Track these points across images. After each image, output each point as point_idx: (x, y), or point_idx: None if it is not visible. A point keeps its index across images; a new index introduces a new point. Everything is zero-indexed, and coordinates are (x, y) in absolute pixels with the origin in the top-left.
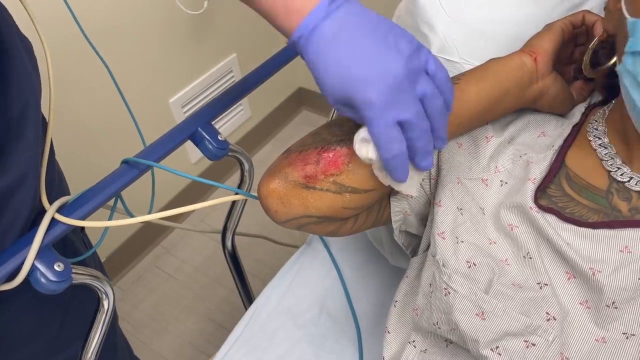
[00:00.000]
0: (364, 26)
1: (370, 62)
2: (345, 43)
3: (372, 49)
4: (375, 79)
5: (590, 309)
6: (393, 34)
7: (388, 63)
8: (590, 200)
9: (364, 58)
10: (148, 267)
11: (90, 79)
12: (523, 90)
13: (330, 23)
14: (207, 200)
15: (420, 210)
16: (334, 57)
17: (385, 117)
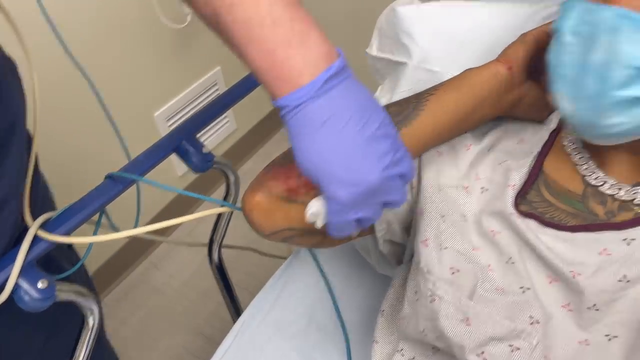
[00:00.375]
0: (354, 119)
1: (349, 167)
2: (331, 136)
3: (355, 152)
4: (350, 184)
5: (573, 311)
6: (381, 133)
7: (366, 173)
8: (568, 205)
9: (345, 160)
10: (135, 282)
11: (74, 94)
12: (499, 99)
13: (320, 105)
14: (194, 213)
15: (404, 219)
16: (316, 147)
17: (347, 214)
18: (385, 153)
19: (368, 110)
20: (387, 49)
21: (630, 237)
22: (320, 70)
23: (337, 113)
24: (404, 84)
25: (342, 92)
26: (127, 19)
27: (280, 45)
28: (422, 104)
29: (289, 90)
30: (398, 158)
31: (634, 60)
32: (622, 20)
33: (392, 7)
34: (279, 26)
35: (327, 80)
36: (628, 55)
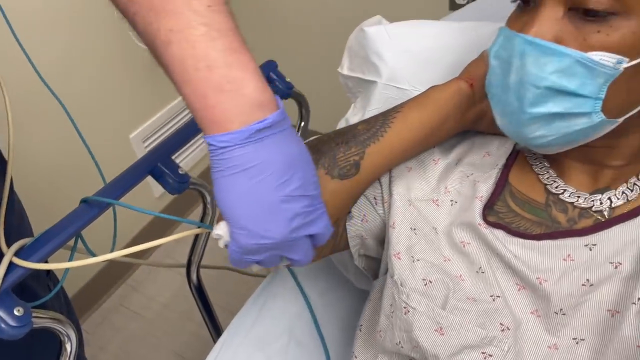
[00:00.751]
0: (275, 175)
1: (257, 220)
2: (248, 187)
3: (266, 208)
4: (254, 236)
5: (541, 317)
6: (299, 193)
7: (272, 231)
8: (533, 214)
9: (255, 213)
10: (114, 306)
11: (48, 118)
12: (462, 114)
13: (245, 153)
14: (172, 235)
15: (377, 233)
16: (231, 191)
17: (245, 257)
18: (297, 214)
19: (293, 168)
20: (358, 69)
21: (592, 243)
22: (252, 120)
23: (259, 165)
24: (374, 102)
25: (271, 145)
26: (100, 41)
27: (213, 91)
28: (389, 122)
29: (217, 132)
30: (311, 219)
31: (539, 80)
32: (528, 46)
33: (361, 28)
34: (213, 71)
35: (258, 131)
36: (534, 76)
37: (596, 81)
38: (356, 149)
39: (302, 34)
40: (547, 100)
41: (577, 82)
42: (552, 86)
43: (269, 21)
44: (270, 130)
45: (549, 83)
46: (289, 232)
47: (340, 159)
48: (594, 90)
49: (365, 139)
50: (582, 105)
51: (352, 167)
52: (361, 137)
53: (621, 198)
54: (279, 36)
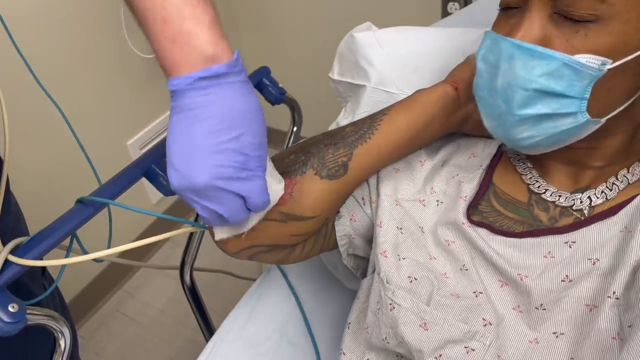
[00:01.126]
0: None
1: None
2: (184, 127)
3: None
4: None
5: (523, 312)
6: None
7: (193, 174)
8: (515, 213)
9: (183, 154)
10: (110, 312)
11: (46, 123)
12: (448, 117)
13: (189, 97)
14: (166, 241)
15: (365, 233)
16: (171, 130)
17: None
18: (223, 166)
19: (233, 121)
20: (348, 73)
21: (572, 240)
22: (198, 69)
23: (197, 110)
24: (363, 106)
25: (213, 94)
26: (98, 48)
27: (168, 42)
28: (377, 124)
29: (170, 77)
30: (240, 177)
31: (527, 83)
32: (516, 50)
33: (351, 34)
34: (167, 24)
35: (202, 79)
36: (522, 79)
37: (582, 82)
38: (344, 150)
39: (294, 41)
40: (536, 102)
41: (564, 84)
42: (540, 88)
43: (262, 29)
44: (216, 80)
45: (538, 85)
46: (210, 180)
47: (328, 160)
48: (579, 91)
49: (353, 140)
50: (569, 105)
51: (340, 167)
52: (349, 138)
53: (600, 197)
54: (272, 43)
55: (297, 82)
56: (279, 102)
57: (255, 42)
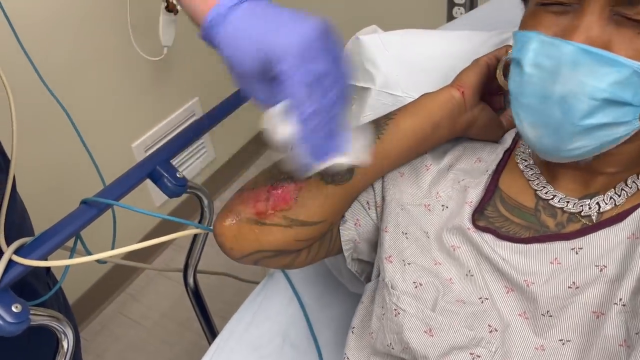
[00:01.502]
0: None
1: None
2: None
3: (285, 18)
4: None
5: (529, 319)
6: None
7: (302, 27)
8: (522, 218)
9: (279, 26)
10: (112, 314)
11: (52, 124)
12: (454, 121)
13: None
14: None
15: (370, 237)
16: (249, 29)
17: (303, 68)
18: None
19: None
20: (353, 76)
21: (578, 247)
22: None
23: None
24: (368, 109)
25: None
26: (104, 51)
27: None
28: (382, 129)
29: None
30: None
31: (597, 92)
32: (583, 55)
33: (356, 36)
34: None
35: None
36: (591, 87)
37: None
38: None
39: None
40: (600, 112)
41: (632, 92)
42: (610, 97)
43: None
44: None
45: (607, 95)
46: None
47: None
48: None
49: None
50: (627, 114)
51: (346, 172)
52: None
53: (609, 203)
54: None
55: None
56: None
57: None
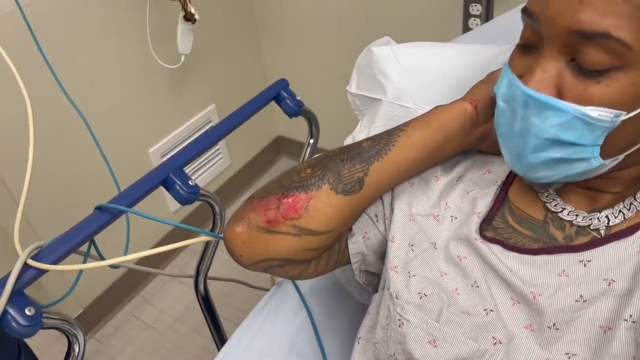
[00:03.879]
0: None
1: None
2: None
3: None
4: None
5: (534, 331)
6: None
7: None
8: (530, 230)
9: None
10: (126, 317)
11: (70, 131)
12: (466, 134)
13: None
14: (184, 249)
15: (378, 249)
16: None
17: None
18: None
19: None
20: (365, 87)
21: (587, 259)
22: None
23: None
24: (379, 120)
25: None
26: (123, 58)
27: None
28: (394, 140)
29: None
30: None
31: (541, 132)
32: (530, 99)
33: (369, 48)
34: None
35: None
36: (537, 128)
37: (594, 133)
38: (360, 166)
39: (314, 54)
40: (548, 148)
41: (576, 134)
42: (552, 138)
43: (283, 42)
44: None
45: (549, 135)
46: None
47: (344, 175)
48: (592, 140)
49: (369, 156)
50: (582, 152)
51: (356, 183)
52: (366, 154)
53: (618, 217)
54: (292, 56)
55: (316, 94)
56: (296, 114)
57: (275, 55)
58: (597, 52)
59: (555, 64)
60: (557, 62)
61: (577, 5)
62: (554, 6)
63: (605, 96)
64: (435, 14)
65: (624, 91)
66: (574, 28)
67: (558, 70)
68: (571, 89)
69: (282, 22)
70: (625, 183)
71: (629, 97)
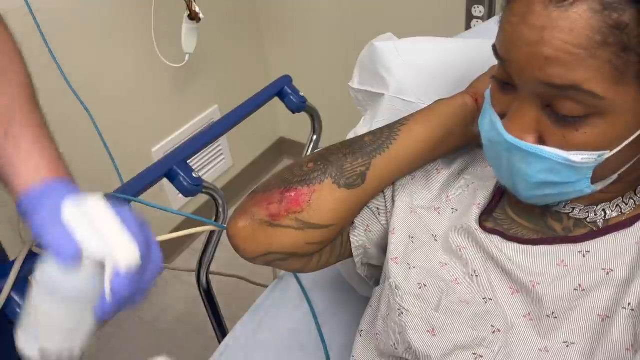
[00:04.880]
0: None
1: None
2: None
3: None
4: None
5: (533, 320)
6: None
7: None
8: (530, 222)
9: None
10: (127, 316)
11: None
12: (467, 128)
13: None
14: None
15: (380, 242)
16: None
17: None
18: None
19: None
20: (367, 82)
21: (586, 250)
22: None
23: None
24: (381, 114)
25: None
26: (129, 56)
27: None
28: (395, 134)
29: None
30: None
31: (528, 177)
32: (514, 147)
33: (372, 43)
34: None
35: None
36: (524, 173)
37: (581, 172)
38: (363, 160)
39: (317, 51)
40: (540, 188)
41: (562, 176)
42: (540, 181)
43: (286, 39)
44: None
45: (537, 180)
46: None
47: (347, 169)
48: (579, 177)
49: (371, 150)
50: (572, 186)
51: (358, 177)
52: (368, 148)
53: (615, 210)
54: (295, 53)
55: (319, 92)
56: (300, 110)
57: (278, 52)
58: (571, 103)
59: (533, 109)
60: (535, 107)
61: (542, 60)
62: (520, 58)
63: (586, 142)
64: (438, 15)
65: (605, 135)
66: (543, 80)
67: (537, 115)
68: (552, 134)
69: (285, 19)
70: (623, 186)
71: (610, 138)
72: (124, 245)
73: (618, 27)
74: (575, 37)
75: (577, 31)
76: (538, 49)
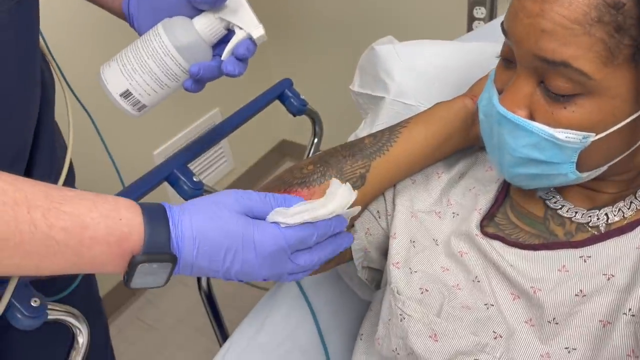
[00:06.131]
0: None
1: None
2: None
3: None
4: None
5: (534, 326)
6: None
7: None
8: (531, 226)
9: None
10: (129, 319)
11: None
12: (467, 131)
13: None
14: None
15: (380, 245)
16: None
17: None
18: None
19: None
20: (368, 85)
21: (587, 255)
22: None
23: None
24: (382, 117)
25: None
26: None
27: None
28: (395, 136)
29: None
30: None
31: (513, 151)
32: (504, 119)
33: (372, 47)
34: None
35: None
36: (510, 146)
37: (565, 152)
38: (362, 162)
39: (318, 54)
40: (524, 165)
41: (548, 154)
42: (525, 157)
43: (287, 42)
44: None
45: (522, 154)
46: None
47: (346, 171)
48: (564, 159)
49: (371, 152)
50: (556, 168)
51: (358, 179)
52: (367, 150)
53: (617, 215)
54: (295, 56)
55: (320, 96)
56: (300, 113)
57: (279, 55)
58: (561, 79)
59: (528, 85)
60: (530, 83)
61: (539, 33)
62: (520, 30)
63: (572, 120)
64: (440, 17)
65: (590, 116)
66: (537, 54)
67: (531, 91)
68: (541, 111)
69: (286, 22)
70: (620, 185)
71: (596, 121)
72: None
73: (615, 6)
74: (572, 12)
75: (575, 5)
76: (537, 20)
